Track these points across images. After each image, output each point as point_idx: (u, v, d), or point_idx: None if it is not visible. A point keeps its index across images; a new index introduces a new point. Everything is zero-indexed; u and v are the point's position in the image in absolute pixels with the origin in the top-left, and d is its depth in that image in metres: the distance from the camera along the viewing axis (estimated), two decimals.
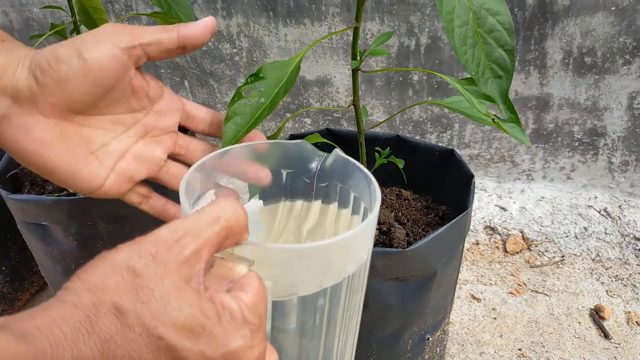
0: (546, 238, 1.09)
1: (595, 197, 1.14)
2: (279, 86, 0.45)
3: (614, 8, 0.96)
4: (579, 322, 0.91)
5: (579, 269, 1.02)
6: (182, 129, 0.44)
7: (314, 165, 0.45)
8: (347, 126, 1.23)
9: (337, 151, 0.43)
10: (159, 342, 0.22)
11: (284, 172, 0.45)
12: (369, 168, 0.67)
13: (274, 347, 0.29)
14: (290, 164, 0.44)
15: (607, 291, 0.97)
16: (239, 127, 0.43)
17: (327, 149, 0.76)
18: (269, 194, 0.45)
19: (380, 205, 0.70)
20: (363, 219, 0.41)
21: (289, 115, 1.17)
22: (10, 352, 0.19)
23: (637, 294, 0.96)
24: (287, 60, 0.46)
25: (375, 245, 0.64)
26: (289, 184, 0.45)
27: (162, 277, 0.23)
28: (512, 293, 0.98)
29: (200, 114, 0.44)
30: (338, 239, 0.31)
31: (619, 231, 1.07)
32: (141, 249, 0.24)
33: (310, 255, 0.30)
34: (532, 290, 0.98)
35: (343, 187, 0.44)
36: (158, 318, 0.22)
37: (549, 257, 1.05)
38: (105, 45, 0.35)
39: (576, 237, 1.08)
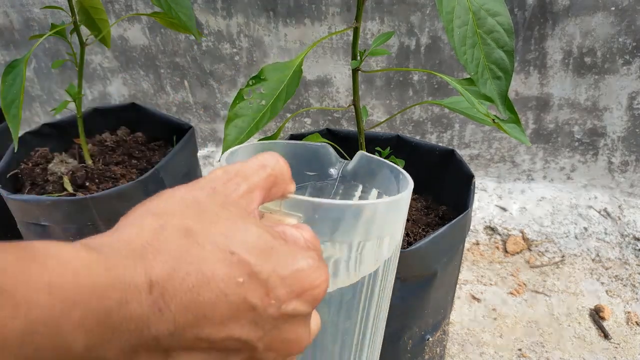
0: (546, 238, 1.09)
1: (595, 197, 1.14)
2: (281, 88, 0.45)
3: (614, 8, 0.96)
4: (579, 322, 0.91)
5: (579, 269, 1.02)
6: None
7: (334, 170, 0.46)
8: (347, 126, 1.23)
9: (362, 153, 0.45)
10: (232, 257, 0.21)
11: (306, 175, 0.46)
12: None
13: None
14: (313, 166, 0.45)
15: (607, 291, 0.97)
16: (241, 130, 0.43)
17: None
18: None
19: None
20: None
21: (289, 115, 1.17)
22: (82, 260, 0.19)
23: (637, 294, 0.96)
24: (288, 61, 0.46)
25: None
26: (309, 186, 0.46)
27: (225, 205, 0.24)
28: (512, 293, 0.98)
29: None
30: (384, 200, 0.34)
31: (618, 231, 1.07)
32: (199, 184, 0.25)
33: (359, 213, 0.31)
34: (532, 291, 0.98)
35: (366, 186, 0.45)
36: (228, 236, 0.22)
37: (549, 257, 1.05)
38: None
39: (576, 237, 1.08)
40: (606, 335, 0.88)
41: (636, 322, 0.90)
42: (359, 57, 0.55)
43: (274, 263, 0.22)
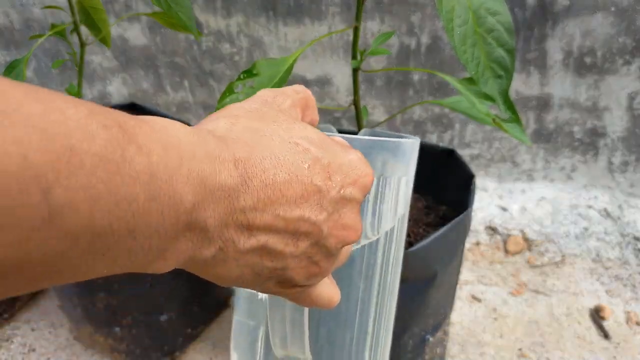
0: (546, 238, 1.08)
1: (596, 197, 1.14)
2: (272, 84, 0.45)
3: (613, 8, 0.96)
4: (579, 322, 0.91)
5: (579, 269, 1.02)
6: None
7: None
8: (347, 126, 1.23)
9: (365, 130, 0.47)
10: (297, 147, 0.24)
11: None
12: None
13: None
14: None
15: (607, 291, 0.97)
16: None
17: None
18: None
19: None
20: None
21: None
22: (184, 131, 0.21)
23: (637, 294, 0.96)
24: (282, 58, 0.46)
25: None
26: None
27: (279, 111, 0.27)
28: (512, 293, 0.97)
29: None
30: (404, 139, 0.37)
31: (619, 231, 1.07)
32: (253, 99, 0.28)
33: (385, 148, 0.35)
34: (533, 291, 0.98)
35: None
36: (290, 131, 0.25)
37: (549, 257, 1.05)
38: None
39: (576, 237, 1.08)
40: (606, 335, 0.88)
41: (636, 322, 0.90)
42: (359, 57, 0.55)
43: (331, 153, 0.26)
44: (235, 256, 0.23)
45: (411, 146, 0.40)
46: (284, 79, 0.45)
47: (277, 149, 0.24)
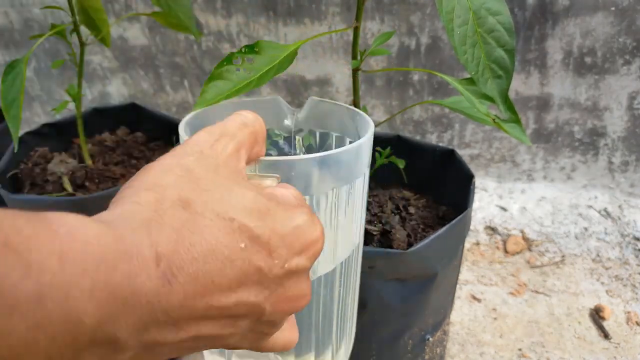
0: (546, 238, 1.08)
1: (596, 197, 1.14)
2: (271, 65, 0.44)
3: (614, 8, 0.96)
4: (579, 322, 0.91)
5: (579, 269, 1.02)
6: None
7: (288, 121, 0.46)
8: None
9: (313, 98, 0.44)
10: (231, 224, 0.21)
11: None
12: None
13: None
14: (266, 121, 0.46)
15: (607, 291, 0.97)
16: (220, 90, 0.42)
17: None
18: None
19: (381, 206, 0.70)
20: None
21: None
22: (92, 230, 0.19)
23: (637, 294, 0.96)
24: (285, 44, 0.46)
25: (376, 246, 0.64)
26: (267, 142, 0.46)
27: (215, 168, 0.23)
28: (512, 293, 0.97)
29: None
30: (353, 145, 0.34)
31: (619, 231, 1.07)
32: (186, 149, 0.24)
33: (332, 161, 0.33)
34: (533, 291, 0.98)
35: (323, 131, 0.45)
36: (224, 202, 0.22)
37: (549, 257, 1.05)
38: None
39: (576, 237, 1.08)
40: (606, 335, 0.88)
41: (636, 322, 0.90)
42: (359, 57, 0.55)
43: (272, 224, 0.23)
44: (162, 350, 0.21)
45: (369, 141, 0.37)
46: (284, 65, 0.44)
47: (208, 232, 0.21)
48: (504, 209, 1.14)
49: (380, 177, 0.77)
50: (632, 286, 0.98)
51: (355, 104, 0.59)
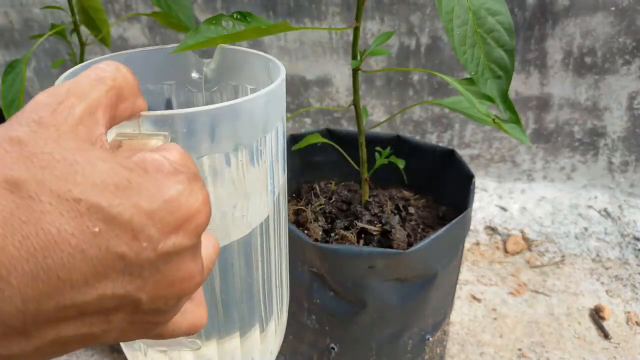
0: (546, 238, 1.09)
1: (596, 197, 1.14)
2: (260, 29, 0.42)
3: (614, 8, 0.96)
4: (579, 322, 0.91)
5: (579, 269, 1.02)
6: None
7: (196, 74, 0.40)
8: (347, 126, 1.23)
9: (222, 46, 0.39)
10: (77, 205, 0.17)
11: (164, 85, 0.40)
12: (369, 168, 0.67)
13: None
14: (170, 74, 0.40)
15: (607, 291, 0.97)
16: (202, 36, 0.40)
17: (328, 148, 0.76)
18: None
19: (381, 206, 0.70)
20: None
21: (289, 115, 1.17)
22: None
23: (637, 294, 0.96)
24: (275, 24, 0.44)
25: (376, 246, 0.64)
26: (172, 98, 0.40)
27: (57, 139, 0.19)
28: (512, 293, 0.97)
29: None
30: (258, 93, 0.29)
31: (619, 231, 1.07)
32: (19, 118, 0.19)
33: (236, 113, 0.28)
34: (533, 291, 0.98)
35: (237, 84, 0.40)
36: (68, 180, 0.17)
37: (549, 257, 1.05)
38: None
39: (576, 237, 1.08)
40: (606, 335, 0.88)
41: (636, 322, 0.90)
42: (359, 57, 0.55)
43: (135, 199, 0.18)
44: (19, 358, 0.18)
45: (279, 90, 0.32)
46: (272, 30, 0.42)
47: (46, 219, 0.17)
48: (504, 209, 1.14)
49: (380, 177, 0.77)
50: (632, 286, 0.98)
51: (356, 104, 0.59)
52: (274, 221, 0.36)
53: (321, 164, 0.80)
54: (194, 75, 0.40)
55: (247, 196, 0.32)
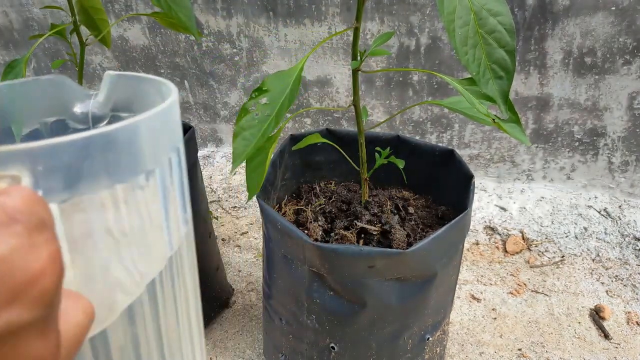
0: (546, 238, 1.09)
1: (595, 197, 1.14)
2: (284, 96, 0.45)
3: (614, 8, 0.96)
4: (579, 322, 0.91)
5: (579, 269, 1.02)
6: None
7: (79, 108, 0.35)
8: (347, 126, 1.23)
9: (109, 73, 0.34)
10: None
11: (43, 123, 0.34)
12: (369, 168, 0.67)
13: None
14: (49, 109, 0.34)
15: (607, 291, 0.97)
16: (248, 141, 0.44)
17: (327, 149, 0.76)
18: None
19: (381, 206, 0.70)
20: None
21: (289, 115, 1.17)
22: None
23: (637, 294, 0.96)
24: (289, 70, 0.47)
25: (376, 246, 0.64)
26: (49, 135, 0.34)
27: None
28: (512, 293, 0.97)
29: None
30: (132, 121, 0.23)
31: (619, 231, 1.07)
32: None
33: (110, 142, 0.23)
34: (532, 291, 0.98)
35: (130, 116, 0.33)
36: None
37: (549, 257, 1.05)
38: None
39: (576, 237, 1.08)
40: (606, 335, 0.88)
41: (636, 322, 0.90)
42: (359, 58, 0.55)
43: None
44: None
45: (163, 115, 0.26)
46: (295, 90, 0.46)
47: None
48: (503, 209, 1.14)
49: (380, 177, 0.77)
50: (632, 286, 0.98)
51: (355, 104, 0.59)
52: (171, 280, 0.29)
53: (321, 164, 0.80)
54: (78, 108, 0.35)
55: (130, 249, 0.26)
